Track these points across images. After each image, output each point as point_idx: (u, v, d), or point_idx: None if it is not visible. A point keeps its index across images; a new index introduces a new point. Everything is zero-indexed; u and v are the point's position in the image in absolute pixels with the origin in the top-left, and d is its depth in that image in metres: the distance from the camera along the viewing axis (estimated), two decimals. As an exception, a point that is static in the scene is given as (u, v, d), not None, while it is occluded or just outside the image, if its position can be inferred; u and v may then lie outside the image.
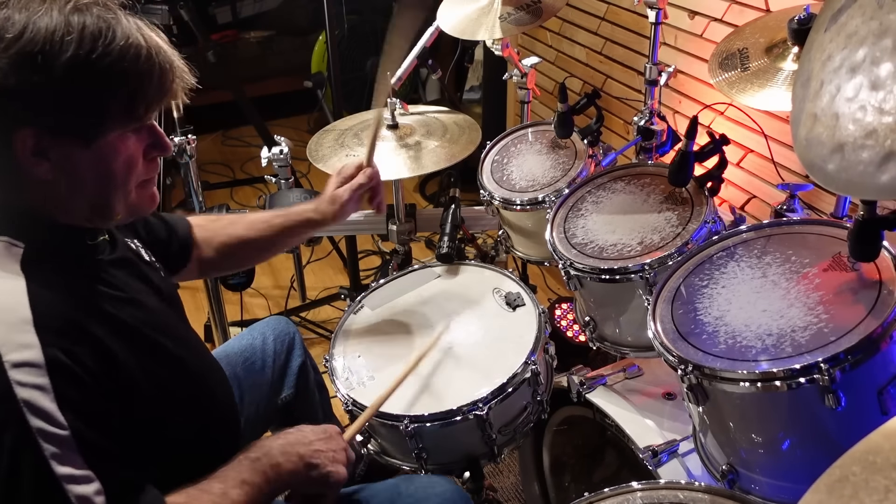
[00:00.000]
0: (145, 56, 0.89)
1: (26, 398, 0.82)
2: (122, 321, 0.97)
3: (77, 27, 0.85)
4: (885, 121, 0.69)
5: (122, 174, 0.94)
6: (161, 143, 0.97)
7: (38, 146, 0.87)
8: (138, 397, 0.95)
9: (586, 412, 1.44)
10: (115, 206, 0.96)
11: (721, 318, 1.09)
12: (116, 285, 1.01)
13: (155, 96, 0.92)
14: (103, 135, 0.90)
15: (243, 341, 1.54)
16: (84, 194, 0.93)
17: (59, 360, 0.85)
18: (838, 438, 0.98)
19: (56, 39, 0.83)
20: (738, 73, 1.36)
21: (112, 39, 0.86)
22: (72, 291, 0.93)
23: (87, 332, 0.91)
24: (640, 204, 1.48)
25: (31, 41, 0.83)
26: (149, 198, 1.01)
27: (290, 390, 1.53)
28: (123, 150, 0.93)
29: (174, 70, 0.94)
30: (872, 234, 0.91)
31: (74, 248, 0.98)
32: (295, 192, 2.19)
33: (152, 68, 0.90)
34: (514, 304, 1.49)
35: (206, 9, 3.88)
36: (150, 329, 1.01)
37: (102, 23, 0.86)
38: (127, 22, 0.89)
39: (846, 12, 0.77)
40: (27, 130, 0.86)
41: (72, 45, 0.84)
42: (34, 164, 0.88)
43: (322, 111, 3.69)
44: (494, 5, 1.82)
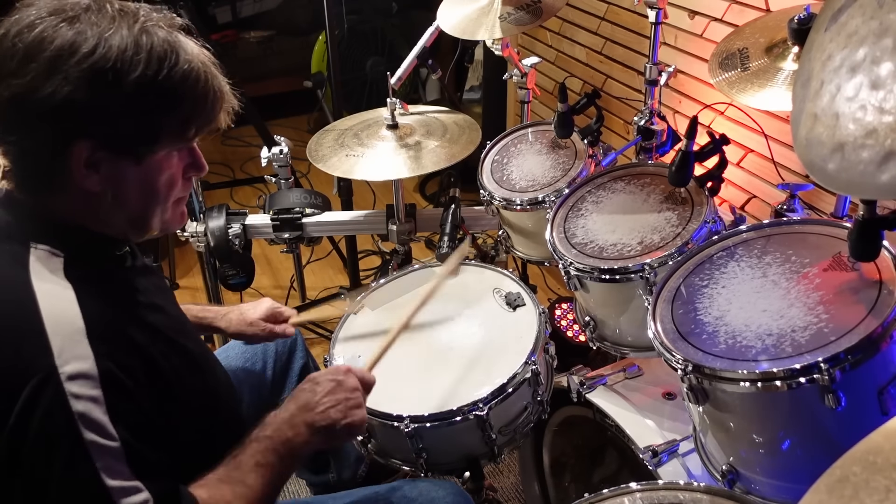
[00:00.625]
0: (203, 81, 0.94)
1: (81, 411, 0.83)
2: (156, 328, 1.00)
3: (145, 47, 0.88)
4: (885, 120, 0.69)
5: (164, 191, 0.98)
6: (198, 164, 1.01)
7: (91, 158, 0.89)
8: (175, 403, 0.98)
9: (586, 412, 1.44)
10: (152, 221, 1.00)
11: (721, 317, 1.09)
12: (143, 292, 1.04)
13: (205, 120, 0.97)
14: (154, 153, 0.93)
15: (244, 343, 1.54)
16: (126, 208, 0.96)
17: (111, 371, 0.87)
18: (838, 438, 0.98)
19: (126, 58, 0.87)
20: (739, 73, 1.36)
21: (176, 62, 0.90)
22: (113, 300, 0.95)
23: (132, 340, 0.93)
24: (641, 204, 1.48)
25: (104, 57, 0.86)
26: (179, 215, 1.04)
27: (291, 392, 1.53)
28: (168, 169, 0.96)
29: (224, 96, 0.98)
30: (872, 233, 0.91)
31: (107, 257, 1.01)
32: (295, 192, 2.19)
33: (207, 93, 0.95)
34: (514, 304, 1.49)
35: (206, 9, 3.88)
36: (176, 335, 1.04)
37: (168, 45, 0.90)
38: (189, 46, 0.93)
39: (846, 12, 0.77)
40: (85, 142, 0.88)
41: (140, 65, 0.87)
42: (85, 175, 0.90)
43: (322, 111, 3.70)
44: (494, 5, 1.82)
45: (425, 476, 1.37)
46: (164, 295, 1.12)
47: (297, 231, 2.12)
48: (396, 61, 2.01)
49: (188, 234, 2.08)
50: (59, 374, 0.83)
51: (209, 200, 2.21)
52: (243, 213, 2.12)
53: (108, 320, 0.91)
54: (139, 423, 0.89)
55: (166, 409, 0.96)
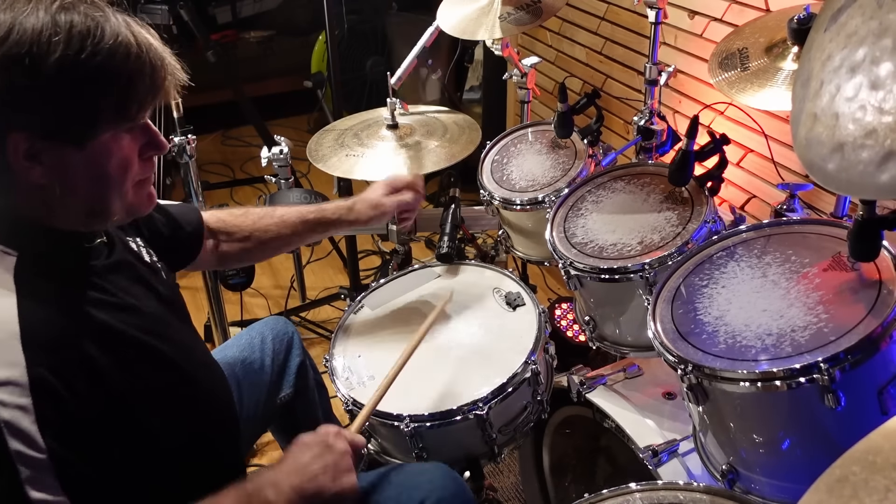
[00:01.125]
0: (135, 54, 0.87)
1: (7, 419, 0.80)
2: (115, 329, 0.95)
3: (65, 26, 0.83)
4: (884, 120, 0.69)
5: (118, 175, 0.92)
6: (156, 142, 0.95)
7: (30, 150, 0.85)
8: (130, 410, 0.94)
9: (586, 412, 1.44)
10: (112, 207, 0.94)
11: (721, 317, 1.09)
12: (111, 291, 0.99)
13: (147, 95, 0.90)
14: (96, 136, 0.88)
15: (241, 341, 1.54)
16: (79, 197, 0.91)
17: (45, 379, 0.83)
18: (838, 438, 0.98)
19: (43, 40, 0.81)
20: (738, 73, 1.36)
21: (101, 38, 0.84)
22: (64, 302, 0.91)
23: (77, 347, 0.89)
24: (640, 203, 1.48)
25: (18, 43, 0.81)
26: (146, 197, 0.99)
27: (290, 389, 1.53)
28: (117, 151, 0.91)
29: (165, 67, 0.92)
30: (872, 233, 0.91)
31: (69, 254, 0.97)
32: (295, 192, 2.19)
33: (143, 66, 0.88)
34: (514, 303, 1.49)
35: (206, 9, 3.88)
36: (145, 334, 1.00)
37: (91, 21, 0.84)
38: (115, 19, 0.87)
39: (846, 12, 0.77)
40: (19, 135, 0.84)
41: (60, 46, 0.82)
42: (27, 168, 0.86)
43: (322, 111, 3.70)
44: (494, 5, 1.82)
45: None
46: (143, 290, 1.06)
47: (297, 231, 2.11)
48: (396, 61, 2.01)
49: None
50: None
51: (209, 200, 2.21)
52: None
53: (51, 327, 0.87)
54: (75, 435, 0.85)
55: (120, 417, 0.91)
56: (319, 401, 1.61)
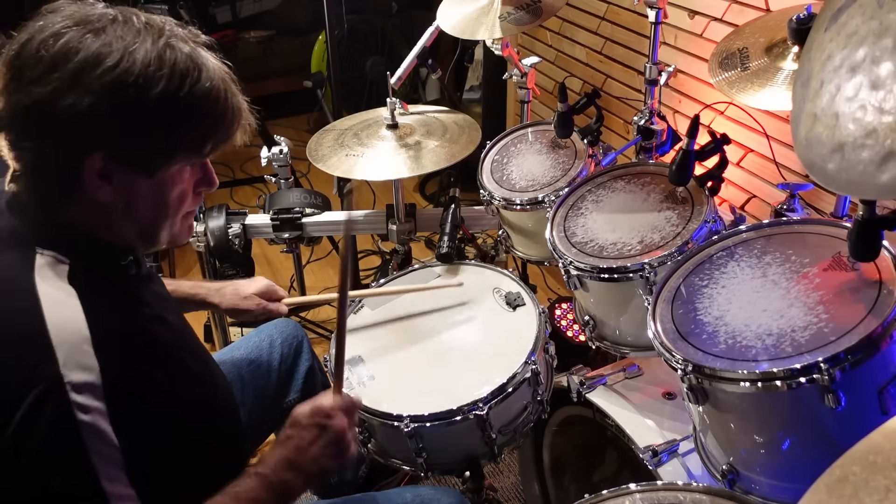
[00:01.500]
0: (223, 99, 0.93)
1: (86, 420, 0.84)
2: (155, 338, 1.00)
3: (168, 63, 0.88)
4: (885, 120, 0.69)
5: (175, 205, 0.98)
6: (210, 179, 1.01)
7: (104, 169, 0.89)
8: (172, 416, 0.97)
9: (586, 412, 1.44)
10: (161, 234, 0.99)
11: (721, 317, 1.09)
12: (147, 302, 1.03)
13: (222, 137, 0.96)
14: (168, 167, 0.93)
15: (249, 342, 1.54)
16: (136, 220, 0.96)
17: (115, 381, 0.86)
18: (838, 438, 0.98)
19: (150, 72, 0.86)
20: (738, 73, 1.36)
21: (198, 79, 0.90)
22: (118, 310, 0.95)
23: (135, 350, 0.93)
24: (641, 203, 1.48)
25: (127, 72, 0.85)
26: (187, 228, 1.04)
27: (297, 394, 1.53)
28: (180, 183, 0.96)
29: (242, 115, 0.98)
30: (872, 233, 0.91)
31: (113, 265, 1.00)
32: (295, 192, 2.19)
33: (227, 112, 0.95)
34: (514, 303, 1.49)
35: (205, 8, 3.88)
36: (176, 346, 1.04)
37: (191, 62, 0.90)
38: (211, 64, 0.93)
39: (846, 12, 0.77)
40: (101, 154, 0.88)
41: (163, 80, 0.87)
42: (97, 186, 0.90)
43: (322, 111, 3.69)
44: (494, 5, 1.82)
45: (425, 476, 1.37)
46: (166, 305, 1.12)
47: (296, 231, 2.12)
48: (396, 61, 2.01)
49: (187, 235, 2.08)
50: (65, 383, 0.83)
51: (209, 200, 2.21)
52: (243, 213, 2.12)
53: (113, 330, 0.90)
54: (140, 434, 0.89)
55: (166, 420, 0.95)
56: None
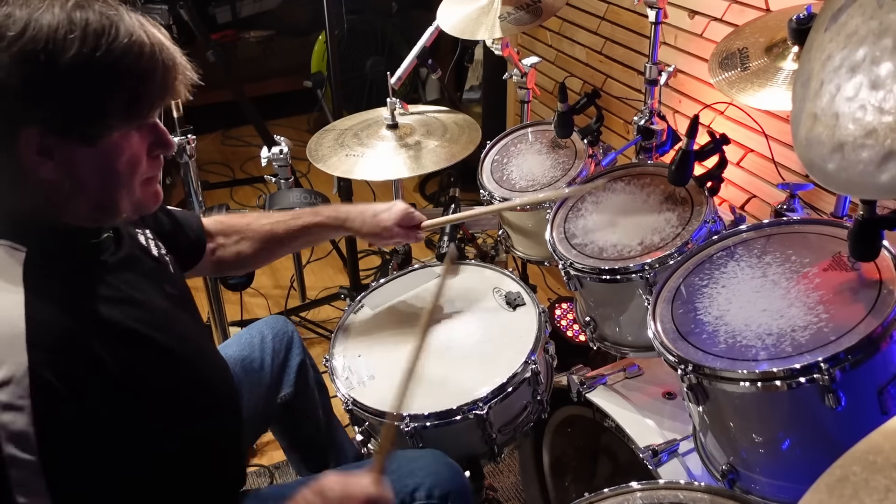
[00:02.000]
0: (148, 54, 0.88)
1: (3, 420, 0.80)
2: (123, 325, 0.96)
3: (80, 24, 0.83)
4: (884, 120, 0.69)
5: (127, 172, 0.93)
6: (164, 141, 0.96)
7: (42, 145, 0.86)
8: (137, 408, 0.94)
9: (586, 412, 1.44)
10: (120, 204, 0.95)
11: (721, 317, 1.09)
12: (119, 287, 0.99)
13: (158, 94, 0.91)
14: (107, 133, 0.88)
15: (241, 340, 1.54)
16: (88, 194, 0.92)
17: (47, 380, 0.82)
18: (838, 438, 0.98)
19: (59, 37, 0.82)
20: (738, 73, 1.36)
21: (115, 37, 0.85)
22: (71, 298, 0.91)
23: (83, 347, 0.89)
24: (640, 204, 1.48)
25: (34, 39, 0.81)
26: (153, 195, 0.99)
27: (290, 389, 1.53)
28: (127, 149, 0.91)
29: (177, 67, 0.92)
30: (872, 233, 0.91)
31: (77, 249, 0.97)
32: (295, 192, 2.19)
33: (155, 66, 0.89)
34: (514, 303, 1.49)
35: (206, 8, 3.88)
36: (152, 330, 1.00)
37: (105, 20, 0.85)
38: (129, 19, 0.88)
39: (846, 12, 0.77)
40: (32, 129, 0.85)
41: (75, 43, 0.82)
42: (38, 164, 0.86)
43: (322, 111, 3.69)
44: (494, 5, 1.82)
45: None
46: (148, 286, 1.06)
47: (297, 231, 2.11)
48: (396, 61, 2.01)
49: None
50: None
51: (209, 200, 2.21)
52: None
53: (57, 326, 0.86)
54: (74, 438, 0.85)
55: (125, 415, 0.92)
56: (320, 400, 1.61)
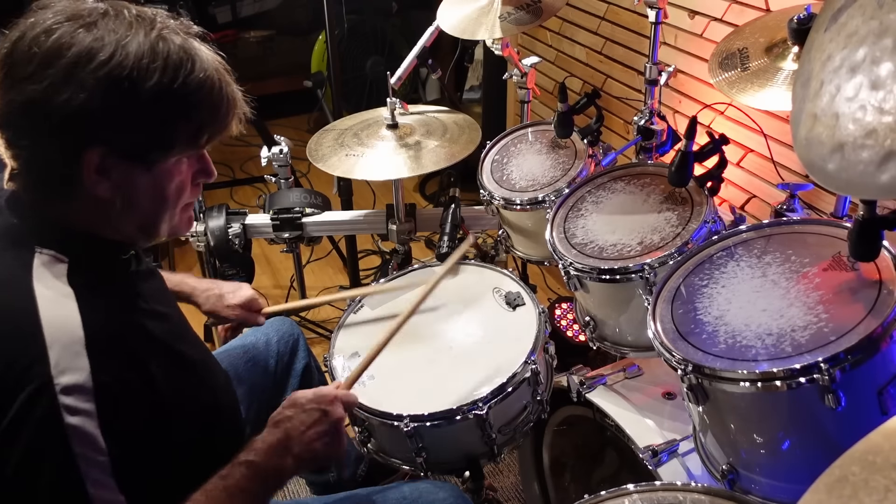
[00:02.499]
0: (217, 89, 0.93)
1: (74, 424, 0.83)
2: (155, 336, 0.99)
3: (162, 55, 0.87)
4: (884, 120, 0.69)
5: (174, 197, 0.97)
6: (208, 170, 1.00)
7: (102, 165, 0.89)
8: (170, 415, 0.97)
9: (586, 412, 1.44)
10: (161, 226, 0.99)
11: (721, 317, 1.09)
12: (147, 298, 1.03)
13: (218, 127, 0.96)
14: (165, 159, 0.93)
15: (246, 341, 1.54)
16: (136, 214, 0.95)
17: (107, 384, 0.86)
18: (838, 438, 0.98)
19: (143, 65, 0.86)
20: (738, 73, 1.36)
21: (192, 71, 0.89)
22: (114, 308, 0.95)
23: (131, 352, 0.92)
24: (640, 204, 1.48)
25: (121, 65, 0.85)
26: (187, 220, 1.03)
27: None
28: (177, 175, 0.95)
29: (236, 104, 0.98)
30: (872, 233, 0.91)
31: (112, 263, 1.00)
32: (295, 192, 2.19)
33: (221, 102, 0.94)
34: (514, 303, 1.49)
35: (206, 8, 3.88)
36: (176, 342, 1.04)
37: (184, 53, 0.89)
38: (204, 53, 0.93)
39: (846, 12, 0.77)
40: (98, 149, 0.87)
41: (157, 73, 0.86)
42: (96, 182, 0.89)
43: (322, 111, 3.70)
44: (494, 5, 1.82)
45: (425, 476, 1.37)
46: (165, 299, 1.11)
47: (297, 231, 2.12)
48: (396, 61, 2.01)
49: (188, 233, 2.08)
50: (55, 385, 0.82)
51: (209, 200, 2.21)
52: (243, 213, 2.12)
53: (108, 331, 0.89)
54: (131, 438, 0.88)
55: (162, 422, 0.94)
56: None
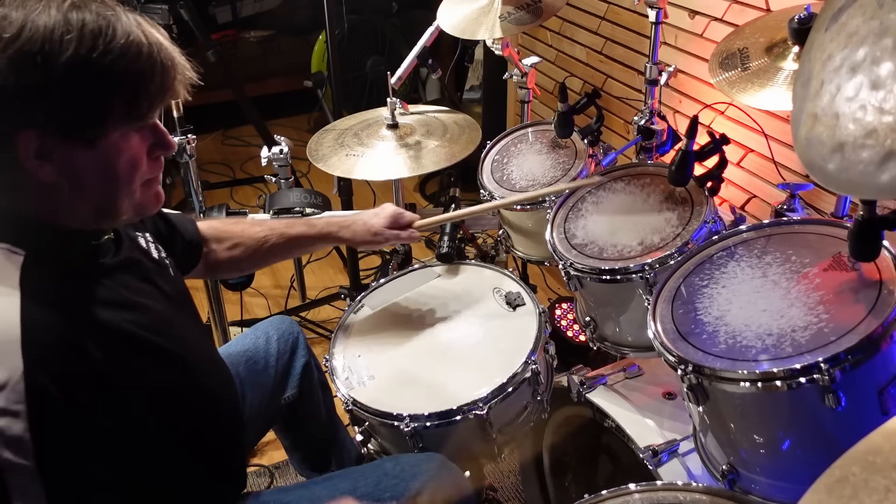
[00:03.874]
0: (146, 53, 0.87)
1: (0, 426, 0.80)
2: (121, 329, 0.95)
3: (76, 25, 0.82)
4: (885, 120, 0.69)
5: (127, 174, 0.92)
6: (164, 142, 0.95)
7: (41, 148, 0.85)
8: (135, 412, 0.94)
9: (586, 412, 1.44)
10: (121, 206, 0.94)
11: (721, 317, 1.09)
12: (118, 290, 0.99)
13: (157, 94, 0.90)
14: (106, 135, 0.88)
15: (246, 340, 1.54)
16: (88, 196, 0.91)
17: (42, 385, 0.82)
18: (838, 438, 0.98)
19: (55, 38, 0.81)
20: (739, 73, 1.36)
21: (112, 37, 0.84)
22: (70, 303, 0.91)
23: (80, 352, 0.88)
24: (641, 204, 1.48)
25: (30, 40, 0.81)
26: (153, 196, 0.99)
27: (294, 390, 1.53)
28: (127, 150, 0.90)
29: (176, 67, 0.92)
30: (872, 233, 0.91)
31: (77, 253, 0.96)
32: (295, 192, 2.19)
33: (154, 66, 0.88)
34: (514, 303, 1.49)
35: (206, 8, 3.88)
36: (151, 333, 1.00)
37: (102, 20, 0.84)
38: (126, 19, 0.87)
39: (846, 12, 0.77)
40: (30, 132, 0.84)
41: (72, 44, 0.82)
42: (37, 166, 0.86)
43: (322, 111, 3.69)
44: (494, 5, 1.82)
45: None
46: (148, 288, 1.06)
47: (297, 231, 2.11)
48: (396, 61, 2.01)
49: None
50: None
51: (209, 200, 2.20)
52: (243, 213, 2.11)
53: (53, 330, 0.86)
54: (71, 443, 0.85)
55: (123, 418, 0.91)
56: (323, 401, 1.61)
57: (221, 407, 1.18)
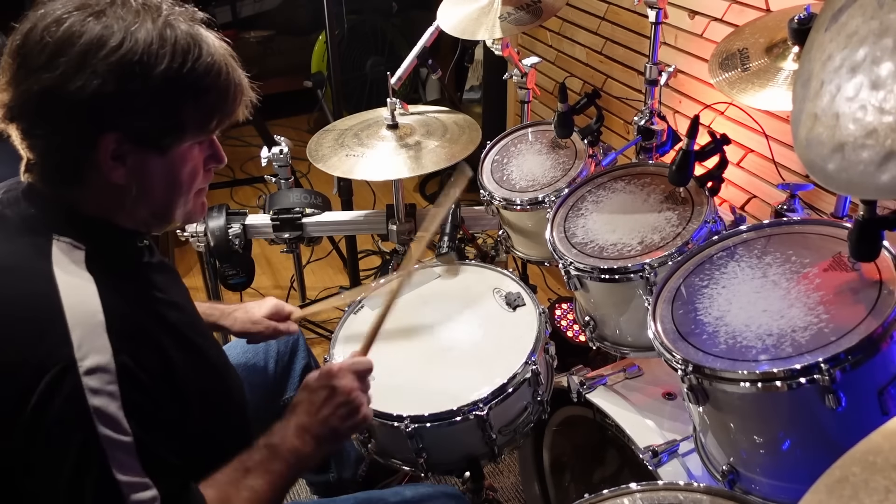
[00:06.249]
0: (224, 73, 0.95)
1: (97, 405, 0.84)
2: (171, 324, 1.01)
3: (170, 41, 0.89)
4: (885, 120, 0.69)
5: (188, 183, 0.99)
6: (218, 155, 1.02)
7: (117, 151, 0.90)
8: (186, 400, 0.98)
9: (586, 412, 1.44)
10: (176, 212, 1.01)
11: (721, 318, 1.09)
12: (161, 288, 1.05)
13: (226, 112, 0.98)
14: (178, 144, 0.94)
15: (245, 342, 1.53)
16: (150, 200, 0.97)
17: (128, 366, 0.87)
18: (838, 439, 0.98)
19: (153, 51, 0.88)
20: (739, 73, 1.36)
21: (199, 55, 0.91)
22: (132, 295, 0.96)
23: (150, 337, 0.94)
24: (641, 203, 1.48)
25: (131, 51, 0.87)
26: (200, 206, 1.06)
27: (293, 392, 1.53)
28: (190, 160, 0.97)
29: (243, 90, 1.00)
30: (872, 233, 0.91)
31: (127, 252, 1.02)
32: (295, 192, 2.19)
33: (229, 86, 0.96)
34: (514, 304, 1.49)
35: (206, 9, 3.86)
36: (191, 332, 1.06)
37: (191, 39, 0.91)
38: (210, 39, 0.95)
39: (846, 12, 0.77)
40: (112, 135, 0.89)
41: (165, 58, 0.89)
42: (112, 168, 0.91)
43: (322, 111, 3.70)
44: (494, 5, 1.82)
45: (425, 476, 1.37)
46: (179, 291, 1.13)
47: (297, 231, 2.12)
48: (396, 61, 2.01)
49: (188, 233, 2.08)
50: (78, 367, 0.84)
51: (210, 200, 2.19)
52: (243, 213, 2.12)
53: (127, 315, 0.91)
54: (152, 420, 0.90)
55: (178, 406, 0.96)
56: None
57: (234, 407, 1.20)
